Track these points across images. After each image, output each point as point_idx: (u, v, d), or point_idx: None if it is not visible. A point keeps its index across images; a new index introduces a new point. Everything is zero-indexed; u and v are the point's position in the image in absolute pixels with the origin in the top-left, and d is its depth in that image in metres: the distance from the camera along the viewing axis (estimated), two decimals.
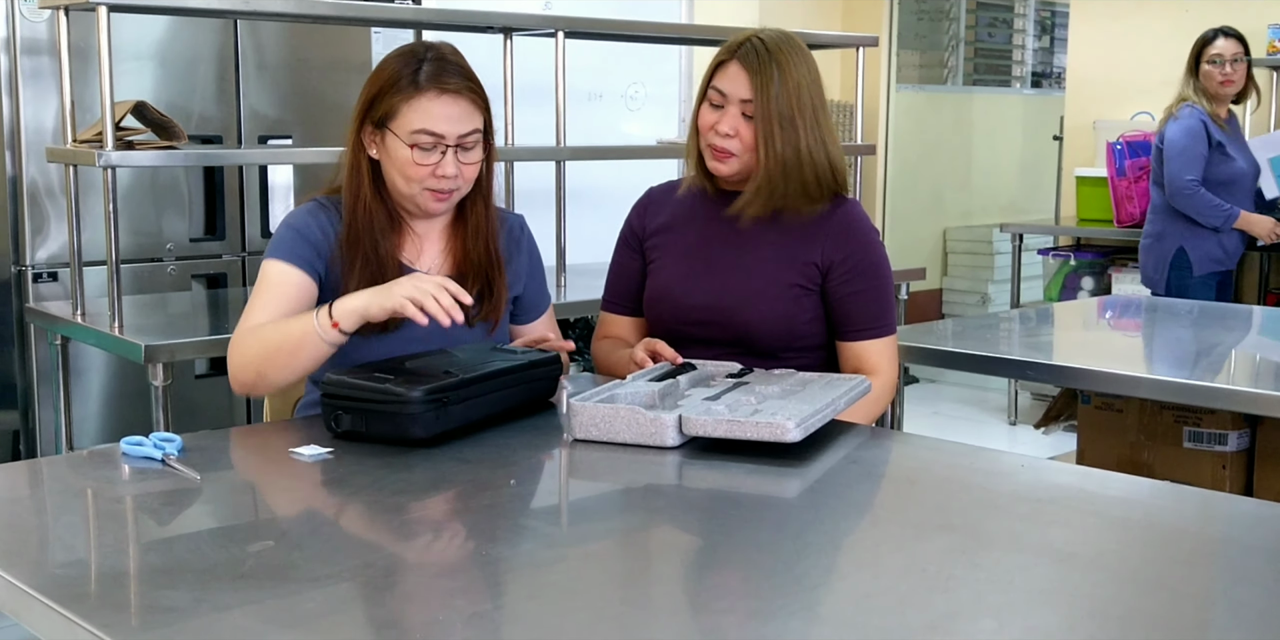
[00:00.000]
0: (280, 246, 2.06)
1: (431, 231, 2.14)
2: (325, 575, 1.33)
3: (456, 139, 2.00)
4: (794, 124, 2.08)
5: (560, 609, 1.24)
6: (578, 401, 1.80)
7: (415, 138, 1.99)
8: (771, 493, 1.68)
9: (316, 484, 1.65)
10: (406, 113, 1.99)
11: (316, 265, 2.05)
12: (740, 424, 1.73)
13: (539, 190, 3.77)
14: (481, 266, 2.12)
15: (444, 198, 2.05)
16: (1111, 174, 5.02)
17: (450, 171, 2.01)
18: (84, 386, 3.66)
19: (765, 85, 2.07)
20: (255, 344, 1.96)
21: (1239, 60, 4.41)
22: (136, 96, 3.31)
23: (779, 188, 2.11)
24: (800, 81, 2.08)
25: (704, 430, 1.75)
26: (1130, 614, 1.25)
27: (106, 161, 2.76)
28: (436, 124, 1.99)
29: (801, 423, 1.72)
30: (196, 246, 3.94)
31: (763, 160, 2.10)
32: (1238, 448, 2.83)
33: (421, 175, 2.01)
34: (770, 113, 2.07)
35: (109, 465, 1.76)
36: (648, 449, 1.77)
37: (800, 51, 2.12)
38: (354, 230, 2.05)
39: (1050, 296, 5.51)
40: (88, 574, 1.36)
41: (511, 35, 3.53)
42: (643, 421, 1.77)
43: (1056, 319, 3.45)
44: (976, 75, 7.23)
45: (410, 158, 2.00)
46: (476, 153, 2.05)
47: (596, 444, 1.79)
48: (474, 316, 2.11)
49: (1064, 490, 1.67)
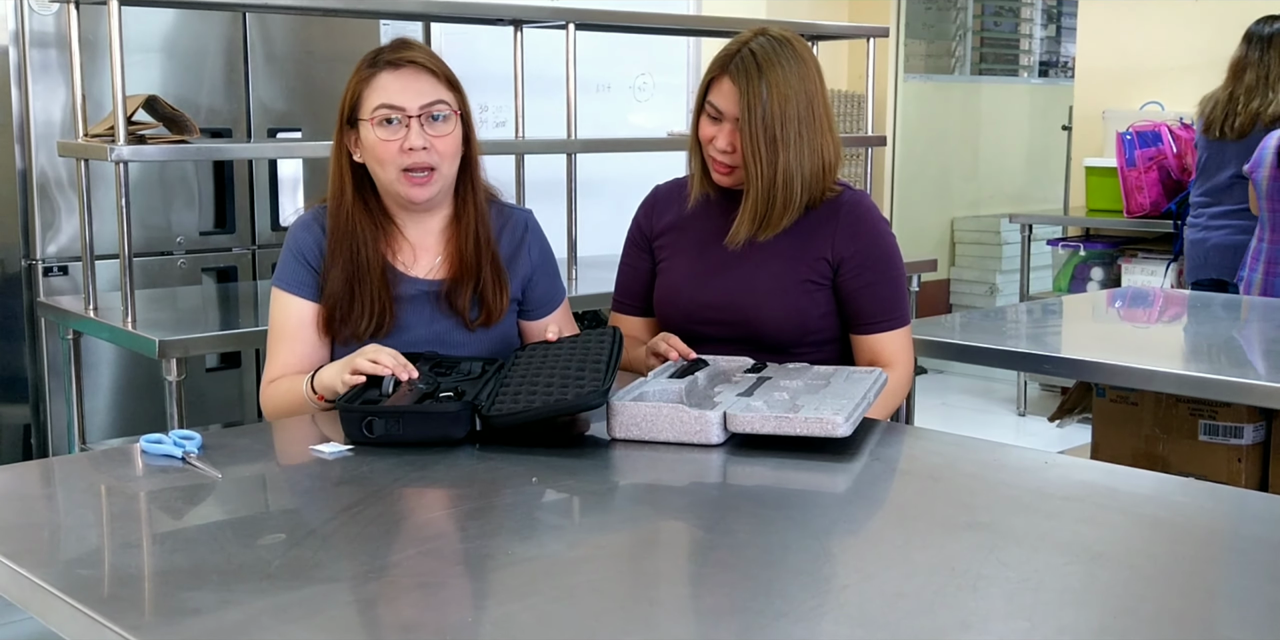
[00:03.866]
0: (282, 273, 2.11)
1: (427, 237, 2.13)
2: (350, 575, 1.32)
3: (419, 109, 2.00)
4: (776, 144, 2.07)
5: (588, 610, 1.24)
6: (618, 401, 1.79)
7: (376, 113, 2.00)
8: (796, 490, 1.67)
9: (338, 482, 1.65)
10: (367, 95, 2.03)
11: (312, 285, 2.09)
12: (789, 420, 1.72)
13: (546, 181, 3.77)
14: (473, 267, 2.11)
15: (422, 181, 2.02)
16: (1121, 164, 5.00)
17: (417, 143, 1.99)
18: (94, 380, 3.66)
19: (751, 104, 2.06)
20: (273, 404, 2.07)
21: None
22: (144, 89, 3.30)
23: (761, 210, 2.11)
24: (788, 95, 2.06)
25: (750, 427, 1.74)
26: (1162, 614, 1.24)
27: (119, 156, 2.75)
28: (394, 97, 2.00)
29: (849, 417, 1.72)
30: (206, 240, 3.94)
31: (750, 181, 2.10)
32: (1253, 441, 2.82)
33: (391, 153, 2.00)
34: (755, 133, 2.07)
35: (129, 464, 1.76)
36: (666, 446, 1.76)
37: (794, 55, 2.10)
38: (336, 235, 2.07)
39: (1059, 287, 5.49)
40: (111, 574, 1.35)
41: (522, 27, 3.52)
42: (686, 419, 1.75)
43: (1067, 311, 3.44)
44: (984, 65, 7.20)
45: (376, 137, 2.00)
46: (447, 125, 2.03)
47: (622, 442, 1.78)
48: (473, 321, 2.11)
49: (1090, 488, 1.66)
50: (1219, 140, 4.37)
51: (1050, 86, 7.30)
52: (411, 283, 2.10)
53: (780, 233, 2.15)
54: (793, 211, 2.12)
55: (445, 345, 2.08)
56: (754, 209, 2.11)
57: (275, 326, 2.11)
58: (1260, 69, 4.27)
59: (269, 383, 2.08)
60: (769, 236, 2.14)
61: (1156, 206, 4.98)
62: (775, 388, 1.89)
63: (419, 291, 2.10)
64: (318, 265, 2.08)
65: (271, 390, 2.07)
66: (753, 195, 2.11)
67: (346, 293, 2.04)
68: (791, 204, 2.11)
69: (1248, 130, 4.29)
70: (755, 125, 2.06)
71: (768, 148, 2.07)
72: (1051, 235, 5.71)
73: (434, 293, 2.10)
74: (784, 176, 2.08)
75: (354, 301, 2.04)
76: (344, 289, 2.04)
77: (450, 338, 2.10)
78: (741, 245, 2.17)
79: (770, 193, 2.09)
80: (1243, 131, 4.30)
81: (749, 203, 2.11)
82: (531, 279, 2.21)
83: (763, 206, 2.11)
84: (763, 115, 2.06)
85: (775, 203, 2.10)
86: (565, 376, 1.84)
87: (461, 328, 2.12)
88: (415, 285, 2.10)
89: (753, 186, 2.10)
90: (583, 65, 3.57)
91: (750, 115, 2.06)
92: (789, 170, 2.08)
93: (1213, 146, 4.41)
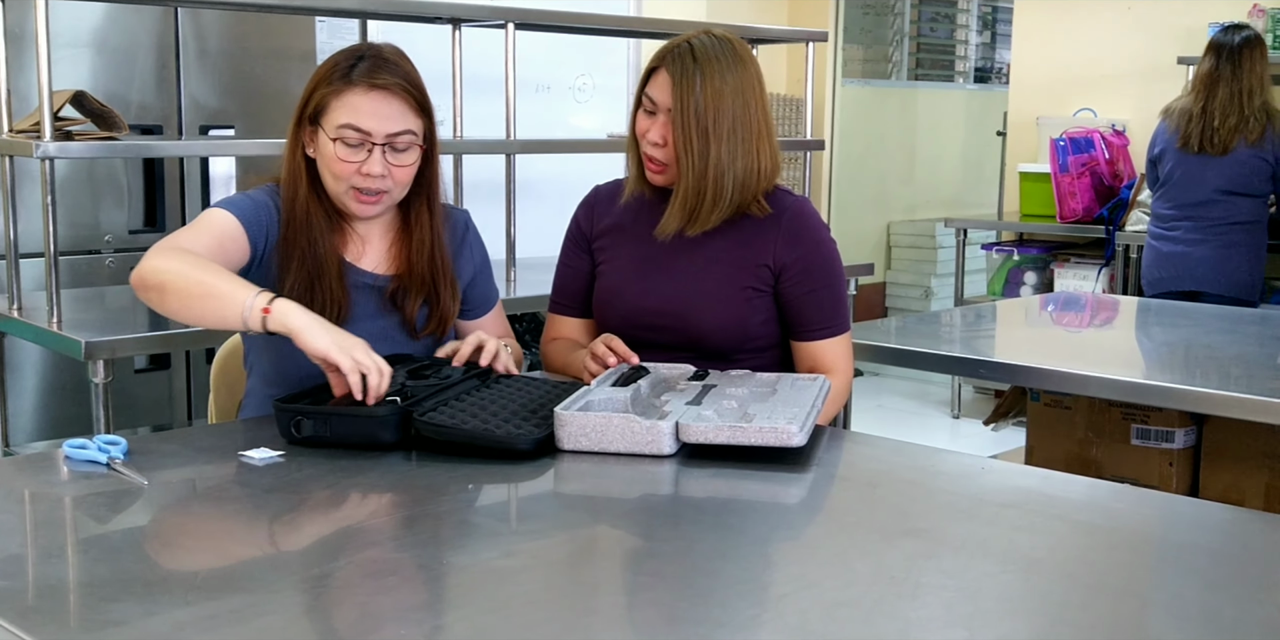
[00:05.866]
0: (233, 203, 1.99)
1: (372, 233, 2.09)
2: (281, 586, 1.29)
3: (385, 137, 1.96)
4: (707, 136, 2.05)
5: (525, 621, 1.22)
6: (564, 411, 1.75)
7: (341, 132, 1.95)
8: (736, 498, 1.66)
9: (268, 489, 1.61)
10: (335, 107, 1.96)
11: (259, 237, 1.99)
12: (743, 430, 1.70)
13: (485, 182, 3.74)
14: (425, 280, 2.08)
15: (371, 201, 1.99)
16: (1054, 170, 5.06)
17: (376, 170, 1.95)
18: (19, 382, 3.57)
19: (684, 96, 2.05)
20: (178, 266, 1.81)
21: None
22: (73, 85, 3.23)
23: (691, 203, 2.09)
24: (722, 90, 2.05)
25: (704, 437, 1.72)
26: (1099, 623, 1.24)
27: (45, 153, 2.69)
28: (363, 120, 1.94)
29: (802, 426, 1.71)
30: (136, 238, 3.85)
31: (681, 173, 2.09)
32: (1185, 445, 2.85)
33: (346, 172, 1.96)
34: (688, 123, 2.05)
35: (52, 469, 1.71)
36: (610, 456, 1.74)
37: (734, 57, 2.09)
38: (292, 228, 2.01)
39: (994, 291, 5.55)
40: (30, 585, 1.31)
41: (460, 26, 3.48)
42: (638, 430, 1.72)
43: (1001, 315, 3.47)
44: (921, 70, 7.26)
45: (335, 154, 1.95)
46: (409, 156, 2.00)
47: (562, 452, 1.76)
48: (420, 330, 2.08)
49: (1026, 493, 1.67)
50: (1198, 155, 4.36)
51: (985, 92, 7.37)
52: (359, 273, 2.06)
53: (721, 239, 2.14)
54: (722, 208, 2.11)
55: (386, 343, 2.05)
56: (684, 201, 2.10)
57: (208, 225, 1.93)
58: (1234, 84, 4.27)
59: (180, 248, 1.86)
60: (697, 232, 2.12)
61: (1089, 212, 5.04)
62: (722, 396, 1.88)
63: (365, 284, 2.06)
64: (272, 230, 1.99)
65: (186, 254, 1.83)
66: (683, 187, 2.09)
67: (306, 287, 1.99)
68: (721, 200, 2.10)
69: (1230, 147, 4.29)
70: (688, 116, 2.05)
71: (699, 139, 2.05)
72: (986, 240, 5.77)
73: (379, 288, 2.07)
74: (715, 170, 2.07)
75: (314, 296, 1.99)
76: (304, 284, 1.98)
77: (391, 336, 2.07)
78: (679, 248, 2.15)
79: (700, 185, 2.07)
80: (1225, 147, 4.30)
81: (679, 195, 2.10)
82: (473, 280, 2.19)
83: (693, 199, 2.09)
84: (695, 106, 2.04)
85: (705, 196, 2.08)
86: (513, 412, 1.81)
87: (402, 329, 2.08)
88: (362, 277, 2.06)
89: (683, 178, 2.08)
90: (522, 65, 3.54)
91: (682, 106, 2.05)
92: (720, 164, 2.07)
93: (1188, 160, 4.38)
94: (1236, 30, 4.35)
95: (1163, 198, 4.52)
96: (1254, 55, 4.29)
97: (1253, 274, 4.36)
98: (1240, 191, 4.34)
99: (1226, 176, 4.33)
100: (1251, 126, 4.26)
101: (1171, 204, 4.49)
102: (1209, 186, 4.36)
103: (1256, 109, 4.27)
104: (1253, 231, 4.37)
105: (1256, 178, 4.31)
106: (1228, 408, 2.36)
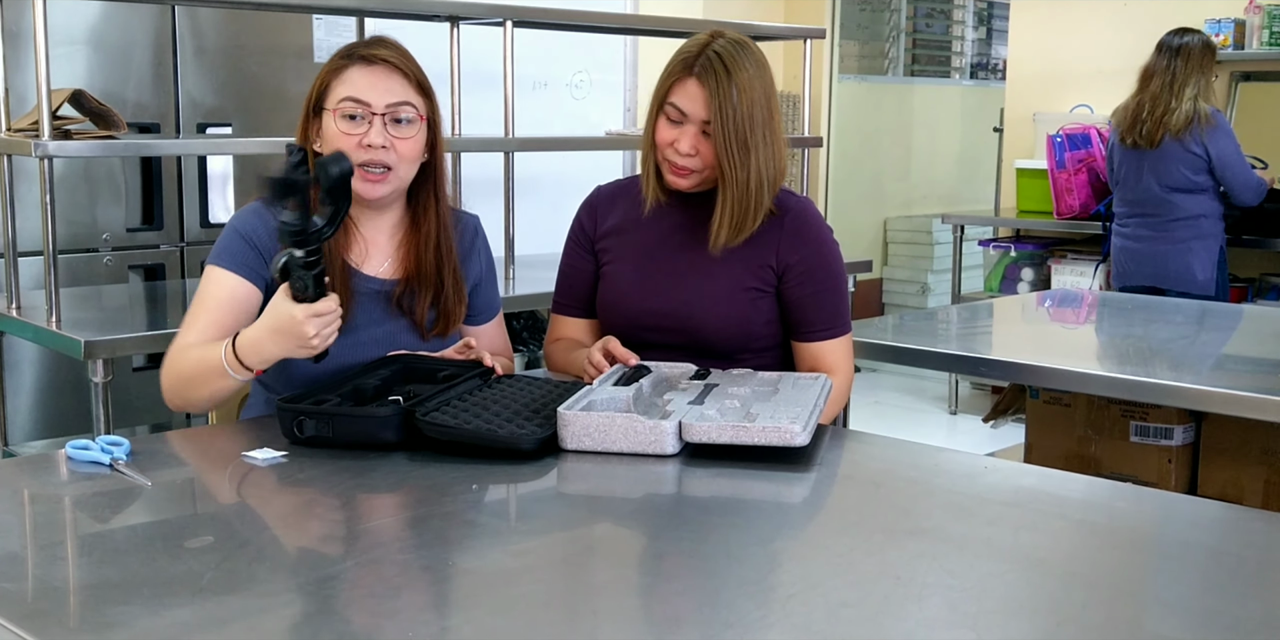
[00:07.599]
0: (222, 252, 2.02)
1: (379, 235, 2.09)
2: (286, 588, 1.29)
3: (384, 108, 1.99)
4: (747, 146, 2.05)
5: (531, 622, 1.22)
6: (567, 410, 1.75)
7: (341, 105, 1.99)
8: (741, 498, 1.66)
9: (272, 490, 1.61)
10: (336, 86, 2.01)
11: (260, 270, 2.01)
12: (746, 429, 1.70)
13: (483, 180, 3.73)
14: (432, 277, 2.08)
15: (376, 178, 1.99)
16: (1051, 166, 5.07)
17: (377, 140, 1.97)
18: (17, 381, 3.56)
19: (723, 107, 2.03)
20: (178, 368, 1.94)
21: None
22: (70, 83, 3.22)
23: (738, 216, 2.08)
24: (755, 98, 2.05)
25: (706, 436, 1.72)
26: (1104, 623, 1.25)
27: (43, 151, 2.68)
28: (361, 92, 1.99)
29: (805, 426, 1.71)
30: (133, 236, 3.85)
31: (726, 186, 2.07)
32: (1183, 442, 2.86)
33: (349, 146, 1.97)
34: (728, 137, 2.04)
35: (53, 470, 1.71)
36: (613, 455, 1.74)
37: (753, 59, 2.08)
38: None
39: (990, 287, 5.55)
40: (35, 586, 1.31)
41: (458, 24, 3.48)
42: (641, 430, 1.72)
43: (998, 312, 3.47)
44: (917, 66, 7.26)
45: (337, 128, 1.98)
46: (411, 129, 2.01)
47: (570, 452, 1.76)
48: (429, 330, 2.08)
49: (1028, 493, 1.67)
50: (1134, 149, 4.40)
51: (982, 88, 7.37)
52: (364, 279, 2.06)
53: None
54: (762, 214, 2.10)
55: (394, 347, 2.05)
56: (731, 214, 2.08)
57: (204, 297, 2.00)
58: (1166, 75, 4.30)
59: (180, 349, 1.95)
60: (739, 242, 2.12)
61: (1085, 208, 5.05)
62: (725, 395, 1.88)
63: (370, 289, 2.06)
64: (265, 251, 2.01)
65: (180, 355, 1.94)
66: (729, 200, 2.07)
67: None
68: (761, 208, 2.09)
69: (1157, 139, 4.31)
70: (728, 128, 2.03)
71: (740, 151, 2.04)
72: (983, 236, 5.77)
73: (385, 293, 2.07)
74: (756, 179, 2.06)
75: None
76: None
77: (399, 340, 2.06)
78: (683, 248, 2.15)
79: (745, 195, 2.06)
80: (1152, 139, 4.32)
81: (725, 208, 2.08)
82: (477, 285, 2.19)
83: (739, 211, 2.07)
84: (735, 119, 2.03)
85: (750, 207, 2.08)
86: (516, 412, 1.81)
87: (411, 331, 2.08)
88: (367, 283, 2.06)
89: (728, 191, 2.07)
90: (520, 63, 3.54)
91: (722, 118, 2.03)
92: (760, 173, 2.06)
93: (1128, 156, 4.44)
94: (1185, 33, 4.39)
95: (1117, 195, 4.58)
96: (1193, 53, 4.31)
97: (1205, 271, 4.35)
98: (1179, 187, 4.35)
99: (1159, 172, 4.36)
100: (1177, 118, 4.27)
101: (1122, 201, 4.55)
102: (1149, 183, 4.40)
103: (1185, 100, 4.27)
104: (1200, 226, 4.37)
105: (1190, 171, 4.32)
106: (1226, 405, 2.36)
